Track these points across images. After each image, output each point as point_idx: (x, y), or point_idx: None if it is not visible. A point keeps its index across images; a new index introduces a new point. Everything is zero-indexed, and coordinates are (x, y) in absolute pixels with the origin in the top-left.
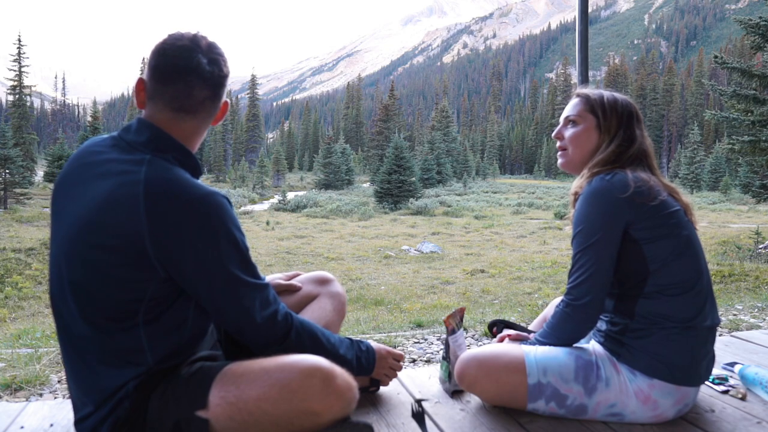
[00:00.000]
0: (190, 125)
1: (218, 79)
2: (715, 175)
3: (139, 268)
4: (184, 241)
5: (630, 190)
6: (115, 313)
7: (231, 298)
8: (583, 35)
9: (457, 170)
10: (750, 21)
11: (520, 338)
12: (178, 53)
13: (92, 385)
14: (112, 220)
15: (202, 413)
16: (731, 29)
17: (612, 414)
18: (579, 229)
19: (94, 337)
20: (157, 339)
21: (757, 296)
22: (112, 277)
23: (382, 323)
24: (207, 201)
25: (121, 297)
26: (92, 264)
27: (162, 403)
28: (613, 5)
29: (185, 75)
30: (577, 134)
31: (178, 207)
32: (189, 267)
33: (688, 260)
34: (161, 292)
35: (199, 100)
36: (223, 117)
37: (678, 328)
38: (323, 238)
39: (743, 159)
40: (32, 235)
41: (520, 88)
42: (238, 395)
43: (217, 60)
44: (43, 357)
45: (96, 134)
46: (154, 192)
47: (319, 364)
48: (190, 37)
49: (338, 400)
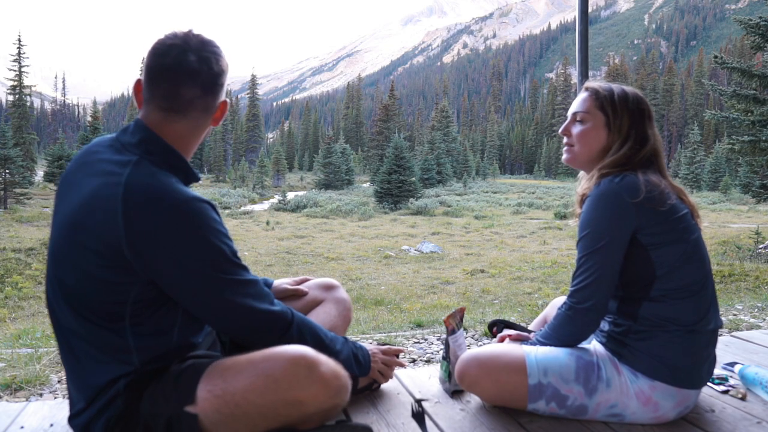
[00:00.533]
0: (182, 126)
1: (209, 77)
2: (715, 175)
3: (119, 271)
4: (162, 248)
5: (641, 195)
6: (101, 312)
7: (221, 300)
8: (583, 35)
9: (457, 170)
10: (750, 21)
11: (520, 338)
12: (166, 52)
13: (83, 381)
14: (92, 222)
15: (191, 408)
16: (731, 29)
17: (612, 414)
18: (585, 233)
19: (82, 334)
20: (143, 341)
21: (757, 296)
22: (96, 278)
23: (382, 323)
24: (185, 207)
25: (106, 298)
26: (77, 264)
27: (153, 400)
28: (613, 5)
29: (172, 74)
30: (584, 132)
31: (155, 213)
32: (169, 274)
33: (695, 265)
34: (146, 295)
35: (187, 99)
36: (223, 117)
37: (681, 331)
38: (323, 238)
39: (743, 159)
40: (32, 235)
41: (520, 88)
42: (224, 388)
43: (208, 57)
44: (43, 357)
45: (96, 134)
46: (132, 196)
47: (303, 352)
48: (181, 36)
49: (323, 388)
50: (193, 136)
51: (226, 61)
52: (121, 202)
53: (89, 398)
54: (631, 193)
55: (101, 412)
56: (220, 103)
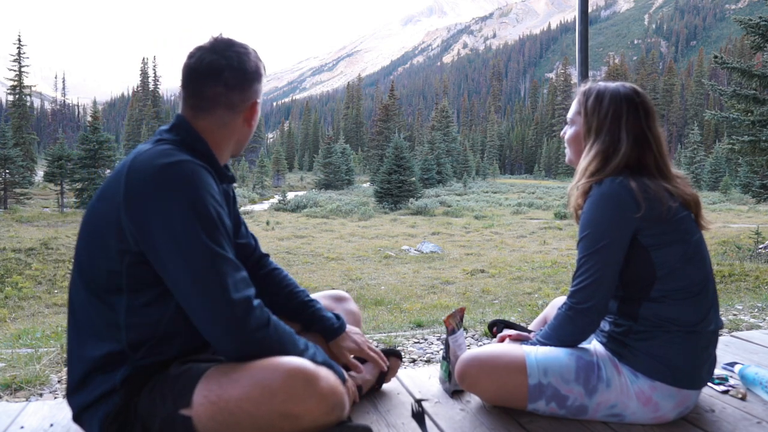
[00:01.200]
0: (208, 122)
1: (233, 76)
2: (715, 175)
3: (118, 234)
4: (148, 210)
5: (637, 206)
6: (100, 281)
7: (200, 268)
8: (583, 35)
9: (457, 170)
10: (750, 21)
11: (520, 338)
12: (192, 54)
13: (81, 352)
14: (107, 187)
15: (186, 411)
16: (731, 29)
17: (612, 414)
18: (586, 233)
19: (85, 304)
20: (132, 319)
21: (757, 296)
22: (99, 241)
23: (382, 323)
24: (172, 168)
25: (102, 265)
26: (89, 228)
27: (150, 400)
28: (613, 5)
29: (196, 73)
30: (570, 137)
31: (146, 175)
32: (154, 237)
33: (696, 266)
34: (139, 270)
35: (210, 96)
36: (253, 118)
37: (682, 331)
38: (323, 238)
39: (743, 159)
40: (32, 235)
41: (520, 88)
42: (220, 394)
43: (231, 57)
44: (43, 357)
45: (96, 134)
46: (136, 160)
47: (303, 365)
48: (211, 40)
49: (320, 403)
50: (221, 134)
51: (255, 63)
52: (127, 166)
53: (85, 371)
54: (628, 197)
55: (98, 403)
56: (250, 104)
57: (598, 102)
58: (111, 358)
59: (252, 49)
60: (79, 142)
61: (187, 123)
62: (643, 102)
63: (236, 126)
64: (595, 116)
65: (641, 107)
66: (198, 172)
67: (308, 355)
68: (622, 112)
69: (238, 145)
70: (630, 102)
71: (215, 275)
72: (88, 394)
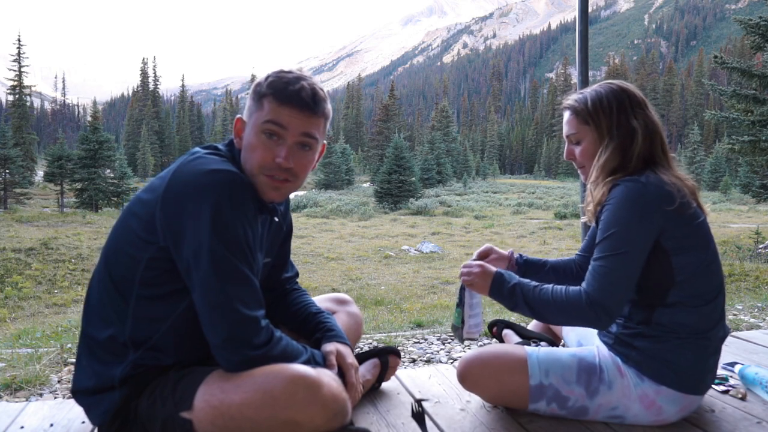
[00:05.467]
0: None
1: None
2: (715, 175)
3: (148, 226)
4: (183, 210)
5: (672, 197)
6: (120, 267)
7: (216, 277)
8: (583, 35)
9: (457, 170)
10: (750, 21)
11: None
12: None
13: (89, 333)
14: (155, 182)
15: (187, 414)
16: (731, 29)
17: (613, 416)
18: (611, 232)
19: (101, 288)
20: (140, 312)
21: (757, 296)
22: (132, 226)
23: (382, 323)
24: (214, 175)
25: (128, 250)
26: (128, 213)
27: (151, 401)
28: (613, 5)
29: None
30: (584, 151)
31: (190, 176)
32: (183, 236)
33: (713, 272)
34: (159, 264)
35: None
36: (235, 132)
37: (693, 338)
38: (323, 237)
39: (743, 159)
40: (32, 235)
41: (520, 88)
42: (221, 399)
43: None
44: (43, 357)
45: (96, 134)
46: (186, 163)
47: (305, 372)
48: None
49: (321, 410)
50: (243, 150)
51: (255, 86)
52: (178, 164)
53: (87, 349)
54: (661, 193)
55: (97, 394)
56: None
57: (599, 102)
58: (112, 342)
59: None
60: (79, 142)
61: (234, 138)
62: (634, 92)
63: (240, 144)
64: (604, 116)
65: (635, 96)
66: (238, 183)
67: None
68: (625, 104)
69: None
70: (626, 93)
71: (230, 287)
72: (87, 380)
